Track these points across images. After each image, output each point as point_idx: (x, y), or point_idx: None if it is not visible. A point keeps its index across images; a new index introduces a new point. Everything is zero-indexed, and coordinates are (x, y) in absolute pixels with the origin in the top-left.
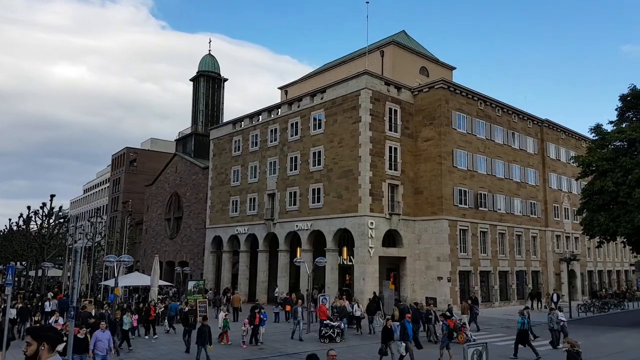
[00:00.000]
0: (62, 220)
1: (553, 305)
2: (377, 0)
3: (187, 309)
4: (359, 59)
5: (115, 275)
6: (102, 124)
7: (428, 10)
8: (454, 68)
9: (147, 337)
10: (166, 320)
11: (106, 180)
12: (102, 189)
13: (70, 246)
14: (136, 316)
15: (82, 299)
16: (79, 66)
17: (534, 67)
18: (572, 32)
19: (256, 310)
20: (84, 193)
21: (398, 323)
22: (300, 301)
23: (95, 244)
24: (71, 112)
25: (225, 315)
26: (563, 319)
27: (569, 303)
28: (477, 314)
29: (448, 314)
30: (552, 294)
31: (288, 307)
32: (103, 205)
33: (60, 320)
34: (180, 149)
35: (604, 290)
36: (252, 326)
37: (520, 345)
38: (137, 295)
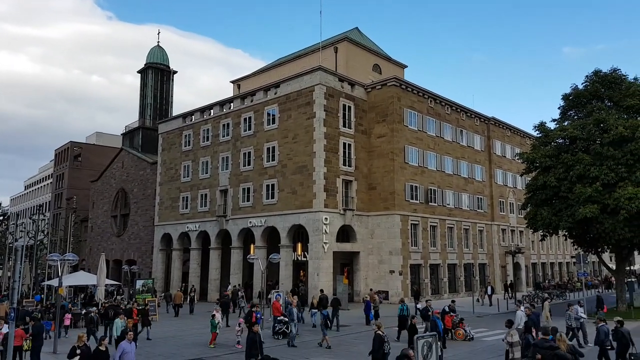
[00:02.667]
0: (1, 218)
1: (487, 298)
2: None
3: (134, 307)
4: (313, 54)
5: (59, 274)
6: (46, 117)
7: (380, 8)
8: (406, 66)
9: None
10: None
11: (49, 175)
12: (44, 185)
13: (11, 245)
14: (69, 315)
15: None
16: (19, 56)
17: (481, 67)
18: (517, 35)
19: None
20: (25, 189)
21: (316, 311)
22: (294, 301)
23: (38, 242)
24: (11, 104)
25: (213, 316)
26: (583, 315)
27: (514, 294)
28: (380, 302)
29: (447, 309)
30: (487, 286)
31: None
32: (46, 202)
33: (5, 329)
34: (127, 143)
35: (547, 281)
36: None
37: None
38: (82, 295)
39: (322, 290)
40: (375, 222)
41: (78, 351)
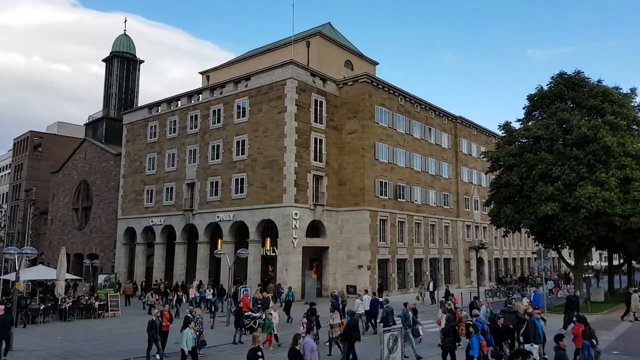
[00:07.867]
0: None
1: (428, 297)
2: None
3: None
4: (285, 48)
5: (17, 268)
6: (4, 105)
7: (353, 5)
8: (377, 63)
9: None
10: None
11: (7, 166)
12: (2, 176)
13: None
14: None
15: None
16: None
17: (449, 67)
18: (483, 37)
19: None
20: None
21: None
22: (409, 304)
23: None
24: None
25: (271, 315)
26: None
27: (477, 288)
28: (281, 293)
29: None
30: (429, 282)
31: (157, 296)
32: (3, 193)
33: None
34: (90, 134)
35: (509, 276)
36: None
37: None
38: (41, 290)
39: (289, 288)
40: (344, 218)
41: (259, 352)
